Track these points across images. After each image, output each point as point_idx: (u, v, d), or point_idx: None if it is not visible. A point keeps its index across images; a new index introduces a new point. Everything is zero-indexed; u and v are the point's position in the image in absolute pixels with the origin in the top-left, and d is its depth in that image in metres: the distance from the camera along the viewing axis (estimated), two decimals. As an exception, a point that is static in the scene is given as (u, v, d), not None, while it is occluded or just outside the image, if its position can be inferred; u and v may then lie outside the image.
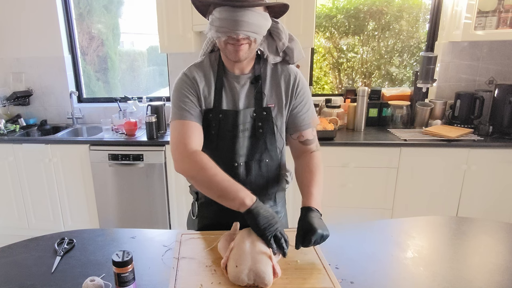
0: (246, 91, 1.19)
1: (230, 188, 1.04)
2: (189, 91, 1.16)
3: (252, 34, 1.05)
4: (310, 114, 1.25)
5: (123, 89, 3.45)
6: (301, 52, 1.22)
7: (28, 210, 2.83)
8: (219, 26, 1.05)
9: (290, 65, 1.23)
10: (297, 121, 1.23)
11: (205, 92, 1.18)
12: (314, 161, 1.21)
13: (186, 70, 1.20)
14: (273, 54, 1.18)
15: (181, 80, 1.18)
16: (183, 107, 1.15)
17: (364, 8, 2.97)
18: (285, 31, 1.17)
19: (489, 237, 1.20)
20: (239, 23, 1.02)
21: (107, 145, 2.58)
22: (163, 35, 2.53)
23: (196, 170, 1.09)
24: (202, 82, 1.18)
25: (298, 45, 1.21)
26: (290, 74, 1.21)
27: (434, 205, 2.42)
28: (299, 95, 1.22)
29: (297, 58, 1.21)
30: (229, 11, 1.02)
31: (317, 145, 1.28)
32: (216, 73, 1.19)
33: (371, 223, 1.32)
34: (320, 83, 3.27)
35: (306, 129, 1.24)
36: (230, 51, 1.09)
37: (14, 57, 3.07)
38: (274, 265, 0.93)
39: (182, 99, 1.16)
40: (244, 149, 1.20)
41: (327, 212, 2.50)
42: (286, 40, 1.17)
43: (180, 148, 1.12)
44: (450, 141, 2.32)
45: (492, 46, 2.63)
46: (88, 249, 1.14)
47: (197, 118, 1.16)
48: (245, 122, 1.18)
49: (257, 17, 1.04)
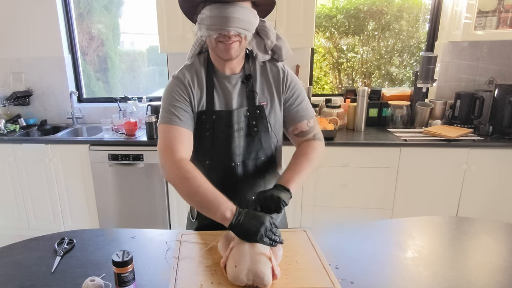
0: (238, 91, 1.19)
1: (212, 201, 1.01)
2: (180, 95, 1.15)
3: (242, 30, 1.06)
4: (304, 106, 1.25)
5: (123, 89, 3.45)
6: (289, 50, 1.23)
7: (28, 210, 2.83)
8: (209, 24, 1.05)
9: (278, 62, 1.24)
10: (290, 115, 1.24)
11: (198, 94, 1.18)
12: (304, 148, 1.22)
13: (178, 73, 1.19)
14: (261, 52, 1.19)
15: (173, 84, 1.17)
16: (172, 112, 1.13)
17: (364, 8, 2.97)
18: (272, 30, 1.18)
19: (489, 237, 1.20)
20: (230, 20, 1.02)
21: (107, 145, 2.58)
22: (163, 35, 2.53)
23: (179, 179, 1.06)
24: (195, 85, 1.17)
25: (285, 43, 1.22)
26: (278, 70, 1.22)
27: (434, 205, 2.42)
28: (289, 89, 1.22)
29: (285, 56, 1.22)
30: (219, 8, 1.03)
31: (316, 134, 1.27)
32: (206, 74, 1.18)
33: (371, 223, 1.32)
34: (320, 83, 3.27)
35: (299, 122, 1.24)
36: (221, 49, 1.09)
37: (14, 57, 3.06)
38: (274, 267, 0.92)
39: (172, 103, 1.14)
40: (240, 149, 1.21)
41: (327, 212, 2.51)
42: (274, 38, 1.18)
43: (166, 154, 1.10)
44: (450, 141, 2.32)
45: (492, 46, 2.63)
46: (88, 249, 1.14)
47: (186, 123, 1.14)
48: (239, 122, 1.19)
49: (246, 13, 1.05)
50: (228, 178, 1.22)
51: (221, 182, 1.18)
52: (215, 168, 1.22)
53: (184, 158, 1.10)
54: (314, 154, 1.21)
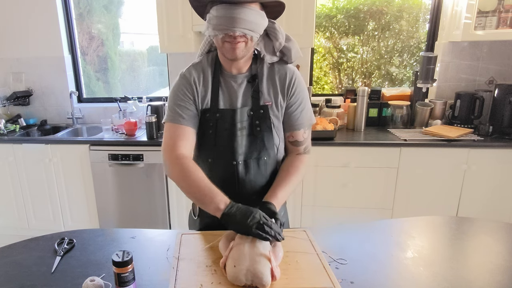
0: (243, 90, 1.20)
1: (207, 194, 1.07)
2: (186, 94, 1.18)
3: (248, 31, 1.06)
4: (304, 115, 1.24)
5: (123, 89, 3.45)
6: (298, 51, 1.23)
7: (28, 210, 2.83)
8: (216, 24, 1.06)
9: (288, 65, 1.24)
10: (289, 121, 1.24)
11: (202, 93, 1.20)
12: (295, 163, 1.23)
13: (185, 71, 1.22)
14: (270, 54, 1.19)
15: (179, 82, 1.21)
16: (177, 111, 1.18)
17: (364, 8, 2.97)
18: (281, 31, 1.18)
19: (489, 237, 1.20)
20: (236, 20, 1.03)
21: (107, 145, 2.58)
22: (163, 35, 2.53)
23: (179, 174, 1.12)
24: (200, 83, 1.20)
25: (295, 45, 1.21)
26: (286, 73, 1.21)
27: (434, 205, 2.42)
28: (294, 95, 1.22)
29: (294, 57, 1.22)
30: (226, 9, 1.04)
31: (306, 148, 1.28)
32: (213, 73, 1.20)
33: (371, 223, 1.32)
34: (320, 83, 3.27)
35: (296, 130, 1.24)
36: (227, 49, 1.10)
37: (14, 57, 3.07)
38: (273, 268, 0.92)
39: (177, 102, 1.18)
40: (243, 148, 1.21)
41: (327, 212, 2.51)
42: (283, 40, 1.18)
43: (168, 152, 1.16)
44: (450, 141, 2.32)
45: (492, 46, 2.63)
46: (88, 249, 1.14)
47: (190, 122, 1.18)
48: (242, 121, 1.19)
49: (253, 15, 1.05)
50: (230, 176, 1.23)
51: (223, 180, 1.21)
52: (218, 166, 1.23)
53: (184, 154, 1.15)
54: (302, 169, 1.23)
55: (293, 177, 1.20)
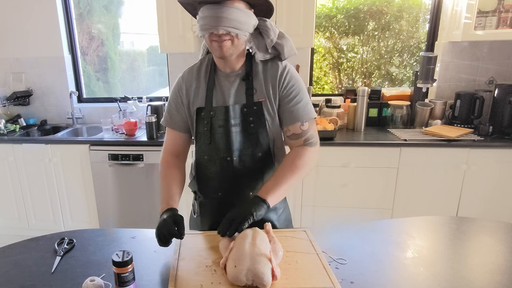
0: (236, 87, 1.21)
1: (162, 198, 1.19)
2: (176, 98, 1.27)
3: (232, 29, 1.08)
4: (300, 109, 1.22)
5: (123, 89, 3.45)
6: (292, 49, 1.23)
7: (28, 210, 2.83)
8: (202, 24, 1.09)
9: (281, 61, 1.24)
10: (285, 115, 1.23)
11: (195, 93, 1.24)
12: (291, 156, 1.20)
13: (180, 75, 1.29)
14: (262, 51, 1.20)
15: (173, 87, 1.30)
16: (167, 115, 1.30)
17: (364, 8, 2.97)
18: (273, 29, 1.18)
19: (489, 237, 1.20)
20: (219, 19, 1.06)
21: (107, 145, 2.58)
22: (163, 35, 2.53)
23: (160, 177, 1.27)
24: (193, 85, 1.25)
25: (289, 42, 1.22)
26: (278, 68, 1.22)
27: (434, 205, 2.42)
28: (286, 88, 1.21)
29: (288, 54, 1.22)
30: (211, 9, 1.07)
31: (307, 140, 1.23)
32: (208, 73, 1.24)
33: (371, 223, 1.32)
34: (320, 83, 3.27)
35: (292, 124, 1.22)
36: (215, 47, 1.12)
37: (14, 57, 3.07)
38: (274, 268, 0.92)
39: (168, 106, 1.30)
40: (237, 144, 1.22)
41: (327, 212, 2.51)
42: (275, 37, 1.18)
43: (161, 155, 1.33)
44: (450, 141, 2.32)
45: (492, 46, 2.63)
46: (88, 249, 1.15)
47: (178, 126, 1.29)
48: (236, 117, 1.20)
49: (237, 13, 1.07)
50: (225, 172, 1.24)
51: (219, 176, 1.25)
52: (213, 162, 1.25)
53: (165, 159, 1.30)
54: (300, 162, 1.18)
55: (286, 171, 1.16)
